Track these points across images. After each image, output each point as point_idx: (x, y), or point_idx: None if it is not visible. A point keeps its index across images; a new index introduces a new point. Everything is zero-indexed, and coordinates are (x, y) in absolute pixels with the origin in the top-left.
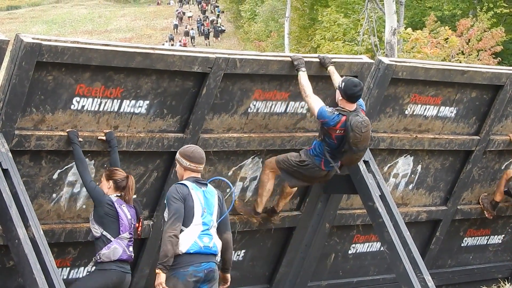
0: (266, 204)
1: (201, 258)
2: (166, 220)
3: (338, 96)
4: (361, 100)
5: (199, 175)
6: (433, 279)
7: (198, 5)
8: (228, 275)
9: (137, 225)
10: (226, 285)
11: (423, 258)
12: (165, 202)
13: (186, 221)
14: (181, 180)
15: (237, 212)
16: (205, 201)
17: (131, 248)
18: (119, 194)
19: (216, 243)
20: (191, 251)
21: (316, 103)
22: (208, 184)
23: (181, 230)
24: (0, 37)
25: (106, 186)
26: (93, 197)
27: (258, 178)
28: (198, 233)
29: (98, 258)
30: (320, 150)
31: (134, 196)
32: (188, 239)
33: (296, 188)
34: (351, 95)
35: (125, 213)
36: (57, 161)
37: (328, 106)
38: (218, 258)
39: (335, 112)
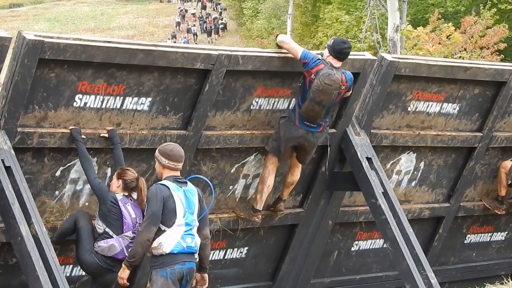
0: (267, 201)
1: (185, 257)
2: (143, 220)
3: (326, 53)
4: (350, 73)
5: (178, 173)
6: (436, 276)
7: (198, 2)
8: (206, 275)
9: None
10: (205, 286)
11: (426, 255)
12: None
13: (168, 221)
14: (160, 177)
15: (241, 211)
16: (186, 201)
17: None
18: (126, 194)
19: (197, 242)
20: (175, 252)
21: (299, 47)
22: (188, 182)
23: (164, 231)
24: (2, 34)
25: (116, 185)
26: (97, 194)
27: (261, 174)
28: (181, 234)
29: (96, 247)
30: (297, 102)
31: None
32: (172, 240)
33: (298, 176)
34: (338, 50)
35: (129, 212)
36: (60, 158)
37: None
38: (197, 256)
39: (318, 57)
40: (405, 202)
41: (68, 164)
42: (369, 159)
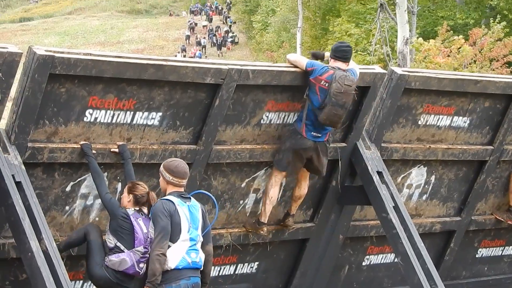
0: (274, 214)
1: (190, 273)
2: (153, 237)
3: (331, 60)
4: (354, 69)
5: (182, 189)
6: None
7: (205, 14)
8: None
9: None
10: None
11: (437, 270)
12: (150, 217)
13: (173, 237)
14: (164, 192)
15: (249, 224)
16: (190, 216)
17: (142, 265)
18: (137, 209)
19: (201, 258)
20: (180, 267)
21: (305, 59)
22: (192, 198)
23: (169, 246)
24: (13, 49)
25: (126, 199)
26: (108, 210)
27: None
28: (186, 249)
29: (107, 260)
30: (302, 112)
31: None
32: (177, 255)
33: (306, 190)
34: (339, 51)
35: (141, 226)
36: (70, 174)
37: None
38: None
39: (325, 65)
40: (416, 216)
41: (79, 179)
42: (379, 173)
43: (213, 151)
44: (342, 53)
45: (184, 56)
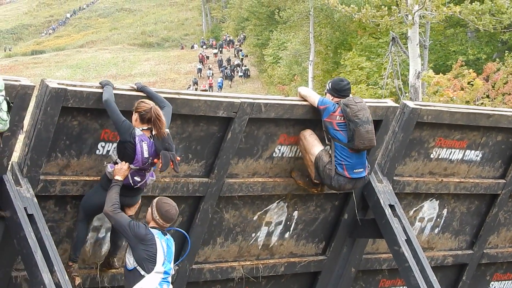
0: (286, 247)
1: None
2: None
3: (330, 97)
4: None
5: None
6: None
7: (219, 48)
8: None
9: (155, 160)
10: None
11: None
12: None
13: (148, 266)
14: (147, 222)
15: (261, 256)
16: (167, 250)
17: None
18: (145, 128)
19: None
20: None
21: (317, 95)
22: (167, 233)
23: (143, 276)
24: (25, 82)
25: (134, 118)
26: (119, 131)
27: (283, 222)
28: (159, 281)
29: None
30: (335, 152)
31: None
32: (150, 286)
33: None
34: (339, 89)
35: (143, 150)
36: None
37: None
38: None
39: (334, 102)
40: (428, 249)
41: None
42: (392, 206)
43: (225, 184)
44: (347, 92)
45: (196, 89)
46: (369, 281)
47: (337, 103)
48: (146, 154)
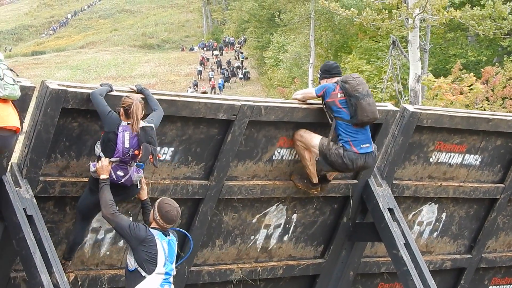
0: (285, 251)
1: None
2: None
3: (324, 82)
4: None
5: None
6: None
7: (220, 50)
8: None
9: (136, 152)
10: None
11: None
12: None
13: (149, 267)
14: (150, 223)
15: (259, 259)
16: (169, 250)
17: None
18: (130, 122)
19: None
20: None
21: (311, 88)
22: (171, 233)
23: (144, 277)
24: (26, 83)
25: (120, 113)
26: (104, 123)
27: (282, 225)
28: (160, 282)
29: None
30: (339, 131)
31: (145, 124)
32: (151, 287)
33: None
34: (329, 68)
35: (124, 140)
36: None
37: None
38: None
39: (331, 83)
40: (427, 253)
41: None
42: (390, 210)
43: (224, 186)
44: (338, 69)
45: (196, 91)
46: (368, 285)
47: (336, 82)
48: (127, 144)
